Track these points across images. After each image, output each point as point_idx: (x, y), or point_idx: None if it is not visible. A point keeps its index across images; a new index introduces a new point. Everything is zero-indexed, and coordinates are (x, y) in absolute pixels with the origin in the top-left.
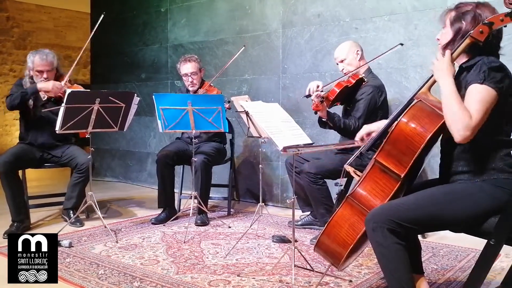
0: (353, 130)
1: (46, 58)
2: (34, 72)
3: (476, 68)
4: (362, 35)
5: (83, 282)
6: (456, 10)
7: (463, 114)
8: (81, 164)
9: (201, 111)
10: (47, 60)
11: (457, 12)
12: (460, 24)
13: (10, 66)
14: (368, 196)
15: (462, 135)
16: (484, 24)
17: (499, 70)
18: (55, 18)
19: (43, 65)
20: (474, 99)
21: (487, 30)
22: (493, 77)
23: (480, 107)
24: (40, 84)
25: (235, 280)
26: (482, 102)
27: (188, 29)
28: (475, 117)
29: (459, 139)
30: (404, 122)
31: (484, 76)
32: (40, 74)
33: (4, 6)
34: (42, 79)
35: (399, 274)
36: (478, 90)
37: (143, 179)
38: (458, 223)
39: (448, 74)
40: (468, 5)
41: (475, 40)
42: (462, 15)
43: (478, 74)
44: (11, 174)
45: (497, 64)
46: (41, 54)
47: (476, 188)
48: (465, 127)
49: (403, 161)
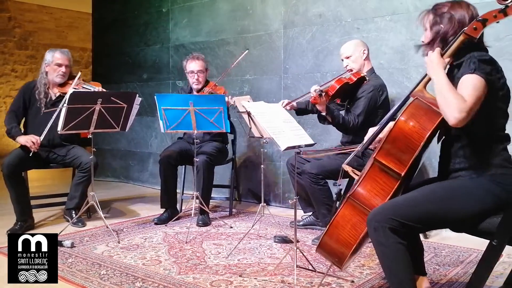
0: (352, 126)
1: (67, 54)
2: (52, 66)
3: (466, 62)
4: (364, 35)
5: (85, 283)
6: (434, 12)
7: (456, 98)
8: (84, 163)
9: (203, 112)
10: (68, 56)
11: (434, 15)
12: (438, 27)
13: (11, 66)
14: (368, 196)
15: (457, 117)
16: (477, 21)
17: (489, 63)
18: (56, 19)
19: (63, 59)
20: (466, 86)
21: (481, 27)
22: (483, 68)
23: (473, 92)
24: (18, 139)
25: (237, 281)
26: (474, 88)
27: (190, 29)
28: (469, 100)
29: (454, 121)
30: (403, 121)
31: (475, 67)
32: (58, 67)
33: (6, 7)
34: (59, 73)
35: (400, 273)
36: (469, 79)
37: (144, 179)
38: (458, 220)
39: (439, 68)
40: (444, 6)
41: (469, 36)
42: (440, 18)
43: (469, 66)
44: (16, 176)
45: (487, 57)
46: (61, 50)
47: (475, 184)
48: (460, 109)
49: (403, 159)
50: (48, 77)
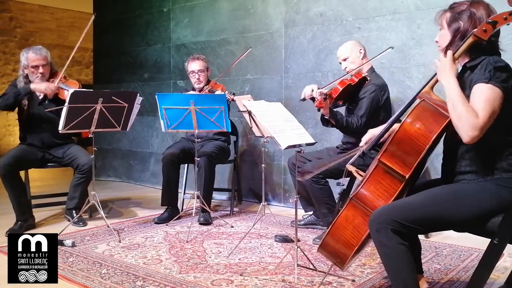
0: (355, 128)
1: (40, 52)
2: (29, 69)
3: (481, 67)
4: (364, 35)
5: (86, 282)
6: (451, 10)
7: (469, 114)
8: (82, 165)
9: (204, 111)
10: (41, 55)
11: (452, 13)
12: (458, 24)
13: (13, 67)
14: (371, 197)
15: (470, 135)
16: (487, 23)
17: (504, 70)
18: (57, 19)
19: (38, 60)
20: (480, 98)
21: (490, 29)
22: (499, 77)
23: (487, 106)
24: (34, 85)
25: (238, 280)
26: (488, 101)
27: (191, 29)
28: (482, 116)
29: (467, 139)
30: (409, 123)
31: (490, 76)
32: (35, 69)
33: (7, 7)
34: (38, 75)
35: (403, 274)
36: (484, 90)
37: (145, 179)
38: (462, 223)
39: (451, 75)
40: (462, 4)
41: (478, 38)
42: (458, 15)
43: (483, 73)
44: (12, 176)
45: (503, 64)
46: (34, 49)
47: (480, 188)
48: (473, 127)
49: (408, 162)
50: (29, 79)
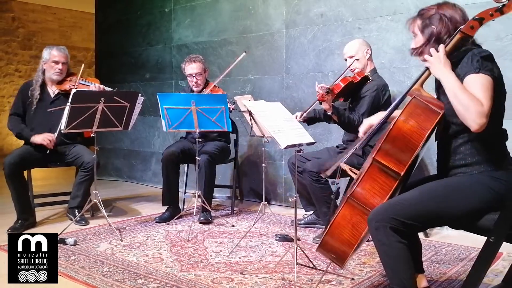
0: (356, 125)
1: (63, 51)
2: (49, 64)
3: (467, 59)
4: (365, 35)
5: (88, 280)
6: (421, 17)
7: (475, 103)
8: (86, 162)
9: (205, 111)
10: (64, 53)
11: (422, 19)
12: (431, 29)
13: (15, 66)
14: (368, 195)
15: (478, 123)
16: (474, 20)
17: (489, 59)
18: (60, 19)
19: (60, 56)
20: (477, 87)
21: (477, 25)
22: (486, 66)
23: (487, 94)
24: (34, 138)
25: (238, 278)
26: (487, 89)
27: (192, 29)
28: (486, 103)
29: (476, 127)
30: (402, 121)
31: (479, 65)
32: (55, 64)
33: (10, 7)
34: (56, 71)
35: (401, 272)
36: (478, 79)
37: (147, 179)
38: (458, 215)
39: (446, 67)
40: (430, 9)
41: (465, 35)
42: (429, 20)
43: (472, 64)
44: (16, 175)
45: (487, 53)
46: (58, 47)
47: (474, 181)
48: (480, 114)
49: (402, 159)
50: (46, 75)
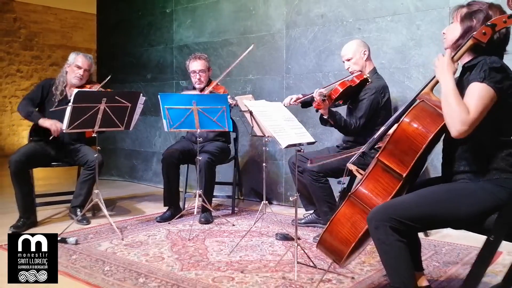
0: (353, 129)
1: (89, 59)
2: (72, 68)
3: (477, 67)
4: (365, 36)
5: (89, 279)
6: (468, 7)
7: (460, 109)
8: (91, 161)
9: (206, 111)
10: (88, 61)
11: (468, 10)
12: (471, 23)
13: (17, 67)
14: (370, 195)
15: (458, 129)
16: (487, 26)
17: (500, 71)
18: (61, 19)
19: (83, 62)
20: (472, 95)
21: (490, 32)
22: (493, 77)
23: (478, 103)
24: (41, 121)
25: (239, 277)
26: (480, 99)
27: (193, 30)
28: (473, 113)
29: (455, 133)
30: (407, 122)
31: (485, 75)
32: (77, 69)
33: (11, 7)
34: (77, 76)
35: (401, 271)
36: (477, 88)
37: (148, 178)
38: (459, 221)
39: (448, 72)
40: (481, 4)
41: (477, 41)
42: (474, 13)
43: (478, 73)
44: (22, 173)
45: (499, 65)
46: (85, 55)
47: (478, 187)
48: (462, 121)
49: (405, 160)
50: (66, 77)
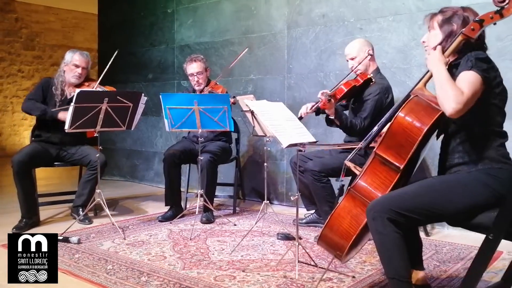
0: (358, 130)
1: (86, 57)
2: (70, 67)
3: (463, 61)
4: (366, 35)
5: (92, 277)
6: (442, 13)
7: (455, 90)
8: (94, 161)
9: (207, 111)
10: (85, 59)
11: (443, 16)
12: (451, 27)
13: (18, 67)
14: (369, 188)
15: (453, 107)
16: (475, 22)
17: (485, 61)
18: (62, 19)
19: (81, 61)
20: (463, 81)
21: (478, 27)
22: (480, 66)
23: (470, 86)
24: (61, 114)
25: (240, 276)
26: (471, 84)
27: (194, 30)
28: (466, 93)
29: (450, 111)
30: (402, 116)
31: (472, 64)
32: (75, 67)
33: (13, 8)
34: (75, 75)
35: (396, 262)
36: (466, 75)
37: (150, 178)
38: (455, 211)
39: (440, 64)
40: (453, 9)
41: (467, 37)
42: (451, 18)
43: (466, 63)
44: (25, 173)
45: (484, 55)
46: (81, 52)
47: (471, 178)
48: (457, 101)
49: (402, 153)
50: (65, 76)
